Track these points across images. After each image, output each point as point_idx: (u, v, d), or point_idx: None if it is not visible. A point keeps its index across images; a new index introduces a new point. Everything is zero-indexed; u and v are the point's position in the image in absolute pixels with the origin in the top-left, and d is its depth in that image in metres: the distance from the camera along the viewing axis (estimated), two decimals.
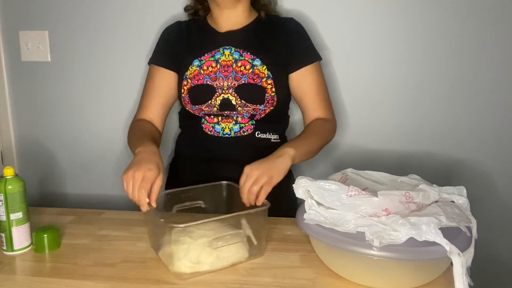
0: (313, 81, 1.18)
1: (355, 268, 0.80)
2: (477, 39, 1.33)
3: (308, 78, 1.18)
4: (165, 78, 1.20)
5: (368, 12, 1.35)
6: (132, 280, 0.83)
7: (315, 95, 1.18)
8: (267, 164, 0.97)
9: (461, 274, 0.72)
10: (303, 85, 1.18)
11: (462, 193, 0.91)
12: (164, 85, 1.20)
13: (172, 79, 1.20)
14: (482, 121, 1.38)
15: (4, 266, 0.89)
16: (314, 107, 1.18)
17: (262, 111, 1.15)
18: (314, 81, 1.18)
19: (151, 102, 1.20)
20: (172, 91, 1.21)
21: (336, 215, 0.83)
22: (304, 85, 1.18)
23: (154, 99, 1.20)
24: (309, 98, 1.18)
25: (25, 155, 1.59)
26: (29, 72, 1.51)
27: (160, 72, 1.21)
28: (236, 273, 0.85)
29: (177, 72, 1.20)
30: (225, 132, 1.17)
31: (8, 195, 0.90)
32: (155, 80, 1.21)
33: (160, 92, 1.20)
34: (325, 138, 1.17)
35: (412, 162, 1.42)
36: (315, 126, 1.16)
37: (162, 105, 1.21)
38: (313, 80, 1.18)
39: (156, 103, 1.20)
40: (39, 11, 1.46)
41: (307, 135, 1.13)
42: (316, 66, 1.19)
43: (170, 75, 1.20)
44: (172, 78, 1.20)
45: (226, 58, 1.16)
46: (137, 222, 1.09)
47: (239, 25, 1.19)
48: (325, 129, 1.17)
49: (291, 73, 1.17)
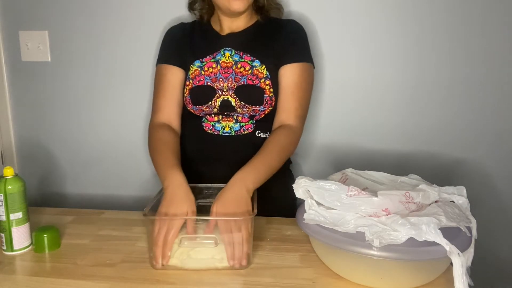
0: (294, 80, 1.13)
1: (355, 268, 0.80)
2: (476, 39, 1.33)
3: (290, 76, 1.14)
4: (176, 75, 1.19)
5: (366, 12, 1.35)
6: (132, 280, 0.83)
7: (291, 94, 1.13)
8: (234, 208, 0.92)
9: (461, 274, 0.72)
10: (284, 81, 1.14)
11: (462, 193, 0.91)
12: (176, 83, 1.19)
13: (182, 76, 1.19)
14: (482, 121, 1.38)
15: (4, 266, 0.89)
16: (285, 108, 1.13)
17: (262, 112, 1.15)
18: (294, 81, 1.13)
19: (167, 103, 1.19)
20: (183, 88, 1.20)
21: (336, 215, 0.83)
22: (284, 82, 1.14)
23: (169, 99, 1.19)
24: (284, 97, 1.14)
25: (25, 155, 1.59)
26: (29, 72, 1.51)
27: (170, 70, 1.19)
28: (236, 273, 0.85)
29: (184, 69, 1.20)
30: (225, 131, 1.17)
31: (8, 195, 0.90)
32: (167, 79, 1.19)
33: (173, 91, 1.19)
34: (287, 153, 1.10)
35: (412, 162, 1.42)
36: (280, 141, 1.09)
37: (177, 104, 1.20)
38: (294, 79, 1.13)
39: (172, 103, 1.19)
40: (39, 11, 1.46)
41: (269, 156, 1.05)
42: (302, 67, 1.15)
43: (180, 72, 1.19)
44: (182, 75, 1.19)
45: (226, 59, 1.16)
46: (137, 222, 1.09)
47: (240, 28, 1.20)
48: (286, 143, 1.10)
49: (280, 67, 1.15)
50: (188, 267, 0.86)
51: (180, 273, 0.85)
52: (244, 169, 1.00)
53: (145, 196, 1.51)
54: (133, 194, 1.55)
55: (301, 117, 1.15)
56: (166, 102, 1.19)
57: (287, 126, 1.12)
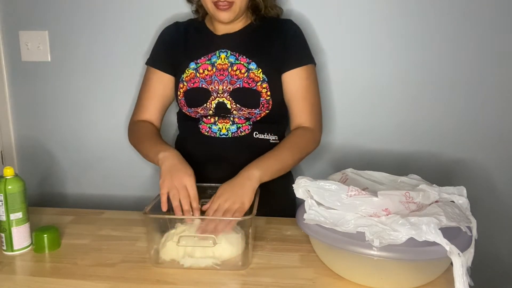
0: (302, 85, 1.15)
1: (355, 268, 0.80)
2: (477, 39, 1.33)
3: (297, 81, 1.15)
4: (162, 81, 1.21)
5: (366, 12, 1.34)
6: (132, 280, 0.83)
7: (302, 99, 1.15)
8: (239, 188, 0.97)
9: (461, 274, 0.72)
10: (292, 87, 1.15)
11: (462, 193, 0.91)
12: (161, 88, 1.21)
13: (168, 82, 1.20)
14: (482, 121, 1.38)
15: (4, 266, 0.89)
16: (299, 112, 1.15)
17: (258, 115, 1.15)
18: (302, 85, 1.15)
19: (148, 104, 1.21)
20: (169, 94, 1.22)
21: (336, 215, 0.83)
22: (292, 87, 1.15)
23: (151, 101, 1.21)
24: (296, 102, 1.15)
25: (25, 155, 1.59)
26: (29, 72, 1.51)
27: (156, 74, 1.21)
28: (236, 273, 0.85)
29: (173, 75, 1.20)
30: (222, 133, 1.16)
31: (8, 195, 0.90)
32: (152, 82, 1.21)
33: (156, 95, 1.21)
34: (303, 150, 1.13)
35: (412, 162, 1.42)
36: (293, 138, 1.13)
37: (159, 107, 1.22)
38: (301, 83, 1.15)
39: (153, 105, 1.21)
40: (39, 11, 1.46)
41: (282, 149, 1.09)
42: (308, 70, 1.16)
43: (167, 78, 1.20)
44: (168, 81, 1.20)
45: (222, 61, 1.15)
46: (137, 222, 1.09)
47: (235, 28, 1.18)
48: (304, 141, 1.13)
49: (283, 73, 1.15)
50: (187, 265, 0.87)
51: (180, 273, 0.85)
52: (255, 161, 1.04)
53: (145, 196, 1.50)
54: (133, 194, 1.55)
55: (317, 117, 1.17)
56: (148, 103, 1.21)
57: (304, 127, 1.14)
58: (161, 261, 0.88)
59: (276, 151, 1.08)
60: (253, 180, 0.99)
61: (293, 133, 1.14)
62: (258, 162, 1.04)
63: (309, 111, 1.15)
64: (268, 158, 1.05)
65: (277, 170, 1.05)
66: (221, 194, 0.96)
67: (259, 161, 1.04)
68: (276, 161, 1.06)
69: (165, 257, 0.89)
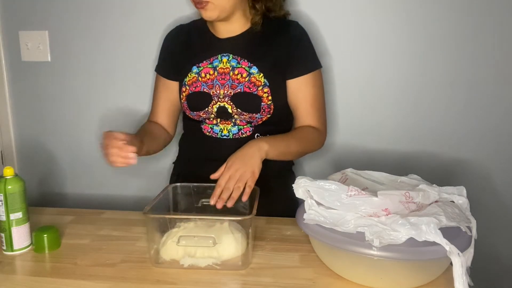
0: (310, 92, 1.15)
1: (355, 268, 0.80)
2: (477, 39, 1.33)
3: (304, 88, 1.15)
4: (168, 88, 1.23)
5: (370, 12, 1.35)
6: (132, 280, 0.83)
7: (310, 106, 1.16)
8: (249, 158, 0.99)
9: (461, 274, 0.72)
10: (299, 94, 1.15)
11: (462, 193, 0.90)
12: (168, 95, 1.24)
13: (174, 88, 1.22)
14: (482, 121, 1.38)
15: (4, 266, 0.89)
16: (306, 117, 1.16)
17: (259, 119, 1.14)
18: (310, 92, 1.15)
19: (159, 109, 1.26)
20: (176, 99, 1.23)
21: (336, 215, 0.83)
22: (299, 94, 1.15)
23: (161, 106, 1.25)
24: (303, 108, 1.16)
25: (25, 155, 1.59)
26: (29, 72, 1.51)
27: (162, 82, 1.24)
28: (236, 273, 0.85)
29: (178, 80, 1.21)
30: (223, 134, 1.17)
31: (8, 195, 0.90)
32: (159, 89, 1.25)
33: (165, 101, 1.24)
34: (309, 144, 1.15)
35: (412, 162, 1.42)
36: (302, 131, 1.15)
37: (169, 112, 1.26)
38: (309, 91, 1.15)
39: (163, 110, 1.25)
40: (39, 11, 1.46)
41: (290, 136, 1.12)
42: (315, 75, 1.16)
43: (172, 85, 1.22)
44: (174, 87, 1.22)
45: (223, 65, 1.15)
46: (137, 222, 1.09)
47: (237, 31, 1.16)
48: (311, 136, 1.15)
49: (289, 79, 1.15)
50: (186, 264, 0.87)
51: (180, 273, 0.85)
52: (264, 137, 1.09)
53: (145, 196, 1.50)
54: (133, 194, 1.55)
55: (324, 121, 1.20)
56: (158, 108, 1.26)
57: (313, 127, 1.16)
58: (161, 261, 0.89)
59: (285, 136, 1.11)
60: (262, 151, 1.01)
61: (302, 127, 1.16)
62: (268, 138, 1.07)
63: (317, 116, 1.17)
64: (276, 138, 1.08)
65: (283, 152, 1.07)
66: (232, 164, 0.98)
67: (268, 138, 1.07)
68: (284, 143, 1.08)
69: (165, 257, 0.89)
